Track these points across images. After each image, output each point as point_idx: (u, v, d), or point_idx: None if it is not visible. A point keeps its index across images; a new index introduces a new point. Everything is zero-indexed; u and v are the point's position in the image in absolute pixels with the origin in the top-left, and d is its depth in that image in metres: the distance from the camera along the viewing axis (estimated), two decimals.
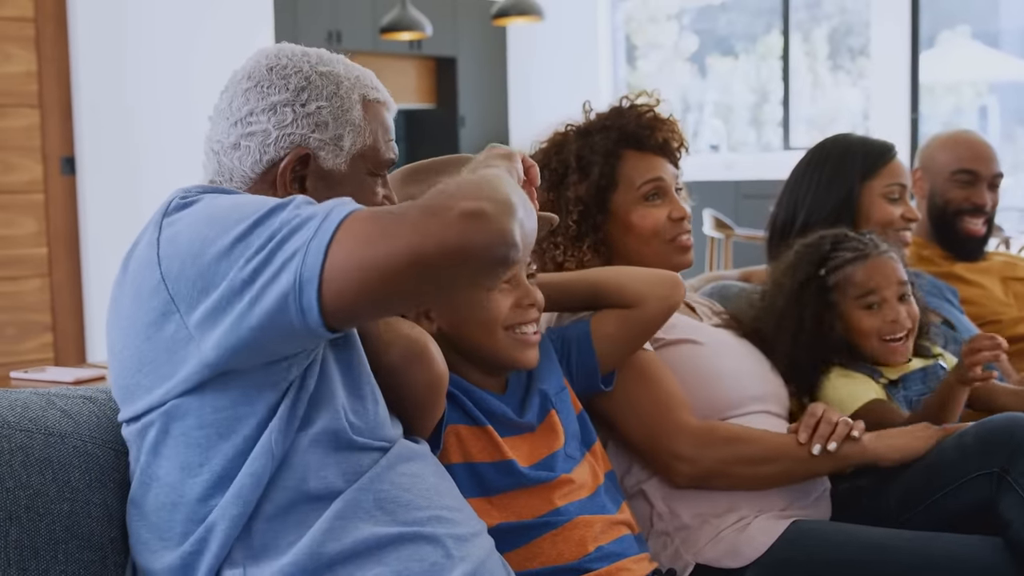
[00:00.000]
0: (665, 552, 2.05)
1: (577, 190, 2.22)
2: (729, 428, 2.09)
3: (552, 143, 2.30)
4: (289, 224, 1.36)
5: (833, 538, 1.99)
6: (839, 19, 10.50)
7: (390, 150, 1.69)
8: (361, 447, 1.52)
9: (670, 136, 2.28)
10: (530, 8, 7.41)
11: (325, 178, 1.62)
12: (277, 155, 1.59)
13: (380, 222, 1.33)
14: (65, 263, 6.41)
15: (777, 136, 10.25)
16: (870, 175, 2.82)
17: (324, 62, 1.64)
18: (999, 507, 1.93)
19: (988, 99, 10.49)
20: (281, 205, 1.39)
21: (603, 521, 1.87)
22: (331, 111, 1.60)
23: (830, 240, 2.45)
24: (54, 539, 1.46)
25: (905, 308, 2.39)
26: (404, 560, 1.46)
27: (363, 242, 1.32)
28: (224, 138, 1.62)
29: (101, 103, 6.41)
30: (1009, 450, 1.94)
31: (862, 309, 2.38)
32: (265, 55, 1.64)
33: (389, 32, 7.78)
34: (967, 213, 3.25)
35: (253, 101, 1.60)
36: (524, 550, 1.80)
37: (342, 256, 1.32)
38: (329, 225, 1.34)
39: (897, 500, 2.09)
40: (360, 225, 1.34)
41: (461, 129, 10.54)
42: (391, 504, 1.50)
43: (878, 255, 2.40)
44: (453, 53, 10.43)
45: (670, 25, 11.18)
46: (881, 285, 2.38)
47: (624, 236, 2.24)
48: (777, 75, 10.24)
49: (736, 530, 2.02)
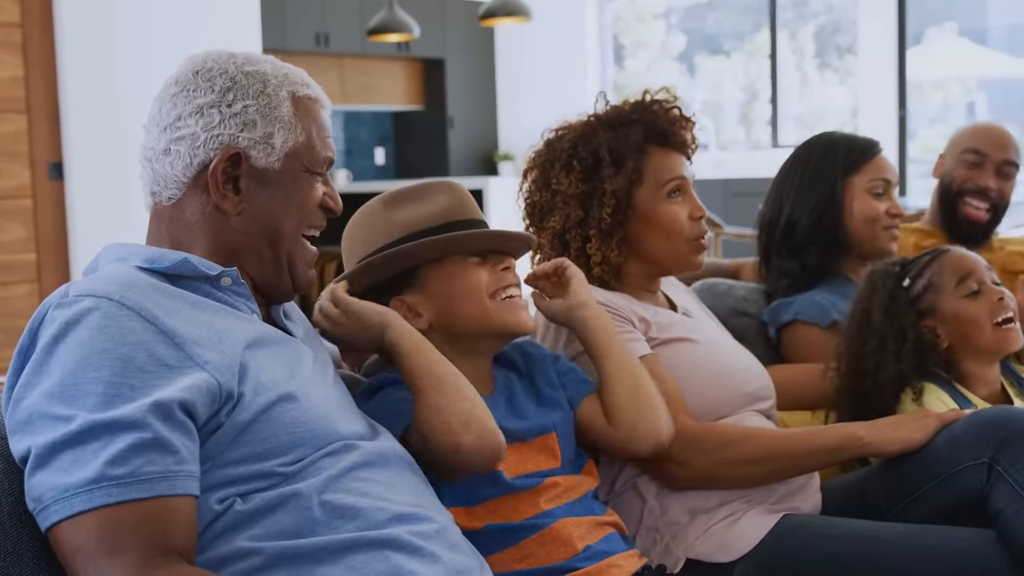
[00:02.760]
0: (655, 548, 2.05)
1: (613, 183, 2.18)
2: (722, 430, 2.08)
3: (578, 131, 2.25)
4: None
5: (823, 531, 1.99)
6: (826, 17, 10.52)
7: (327, 148, 1.68)
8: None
9: (691, 135, 2.27)
10: (518, 9, 7.41)
11: (258, 177, 1.61)
12: (207, 157, 1.59)
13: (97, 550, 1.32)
14: (54, 269, 6.40)
15: (766, 134, 10.26)
16: (852, 171, 2.82)
17: (251, 62, 1.64)
18: (990, 497, 1.93)
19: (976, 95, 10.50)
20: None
21: (590, 522, 1.87)
22: (258, 109, 1.60)
23: (894, 262, 2.41)
24: (38, 546, 1.44)
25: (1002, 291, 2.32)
26: (368, 564, 1.45)
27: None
28: (155, 145, 1.62)
29: (89, 108, 6.40)
30: (998, 441, 1.94)
31: (965, 298, 2.30)
32: (191, 61, 1.64)
33: (377, 34, 7.78)
34: (969, 194, 3.27)
35: (180, 106, 1.60)
36: (513, 551, 1.79)
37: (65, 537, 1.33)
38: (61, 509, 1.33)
39: (888, 492, 2.08)
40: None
41: (450, 130, 10.54)
42: (350, 511, 1.49)
43: (951, 251, 2.35)
44: (441, 54, 10.43)
45: (658, 24, 11.19)
46: (975, 269, 2.33)
47: (647, 232, 2.22)
48: (765, 73, 10.25)
49: (726, 524, 2.02)
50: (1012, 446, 1.93)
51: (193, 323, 1.48)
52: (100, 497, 1.32)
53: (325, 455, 1.53)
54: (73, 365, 1.39)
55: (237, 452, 1.46)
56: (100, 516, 1.32)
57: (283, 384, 1.53)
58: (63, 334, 1.42)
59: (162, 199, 1.63)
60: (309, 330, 1.80)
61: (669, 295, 2.36)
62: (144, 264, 1.56)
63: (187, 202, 1.62)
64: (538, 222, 2.25)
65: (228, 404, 1.45)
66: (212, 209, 1.61)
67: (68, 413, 1.36)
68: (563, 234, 2.21)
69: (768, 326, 2.84)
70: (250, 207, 1.62)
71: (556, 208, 2.21)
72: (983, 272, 2.33)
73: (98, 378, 1.38)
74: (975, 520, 1.95)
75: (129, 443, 1.34)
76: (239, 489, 1.45)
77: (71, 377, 1.38)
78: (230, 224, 1.62)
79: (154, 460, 1.35)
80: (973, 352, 2.32)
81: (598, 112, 2.28)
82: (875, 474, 2.14)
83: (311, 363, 1.65)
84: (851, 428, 2.07)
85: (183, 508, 1.37)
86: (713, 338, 2.27)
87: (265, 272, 1.66)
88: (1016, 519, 1.88)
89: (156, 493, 1.34)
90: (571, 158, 2.21)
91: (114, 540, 1.31)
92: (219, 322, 1.52)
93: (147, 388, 1.39)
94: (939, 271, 2.33)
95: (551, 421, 1.92)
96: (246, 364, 1.49)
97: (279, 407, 1.50)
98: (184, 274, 1.56)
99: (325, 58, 9.63)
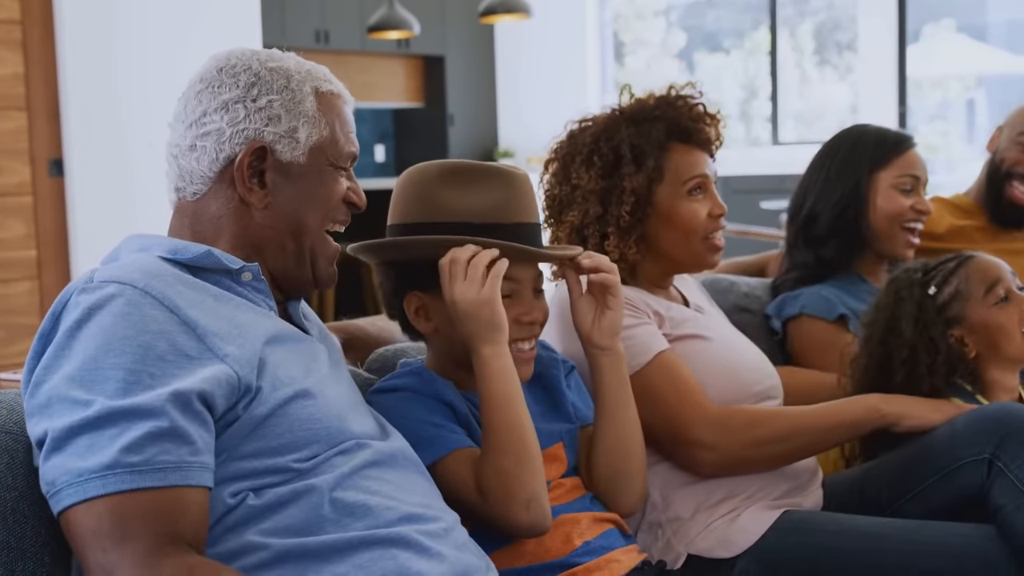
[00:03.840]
0: (656, 544, 2.05)
1: (632, 181, 2.16)
2: (747, 411, 2.09)
3: (600, 125, 2.22)
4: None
5: (824, 527, 1.99)
6: (826, 14, 10.52)
7: (350, 143, 1.70)
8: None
9: (715, 132, 2.26)
10: (518, 6, 7.40)
11: (284, 171, 1.63)
12: (232, 152, 1.61)
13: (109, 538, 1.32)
14: (54, 265, 6.40)
15: (766, 131, 10.26)
16: (880, 165, 2.81)
17: (273, 59, 1.66)
18: (990, 493, 1.93)
19: (976, 92, 10.50)
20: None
21: (589, 518, 1.86)
22: (283, 104, 1.62)
23: (915, 268, 2.32)
24: (40, 541, 1.45)
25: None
26: (376, 561, 1.45)
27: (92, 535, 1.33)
28: (181, 141, 1.64)
29: (89, 105, 6.40)
30: (999, 436, 1.94)
31: (994, 306, 2.23)
32: (215, 58, 1.66)
33: (377, 31, 7.78)
34: (1017, 177, 3.21)
35: (206, 102, 1.62)
36: (511, 549, 1.78)
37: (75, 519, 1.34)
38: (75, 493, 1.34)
39: (889, 488, 2.09)
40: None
41: (450, 128, 10.53)
42: (360, 509, 1.49)
43: (976, 256, 2.29)
44: (441, 52, 10.42)
45: (658, 22, 11.18)
46: (1002, 276, 2.26)
47: (664, 230, 2.20)
48: (765, 71, 10.25)
49: (728, 520, 2.02)
50: (1013, 442, 1.93)
51: (214, 315, 1.49)
52: (114, 483, 1.32)
53: (338, 453, 1.54)
54: (94, 350, 1.39)
55: (252, 446, 1.46)
56: (112, 502, 1.32)
57: (300, 380, 1.54)
58: (86, 319, 1.43)
59: (186, 194, 1.65)
60: (323, 330, 1.81)
61: (682, 291, 2.35)
62: (167, 254, 1.57)
63: (212, 197, 1.63)
64: (557, 215, 2.23)
65: (246, 397, 1.46)
66: (237, 203, 1.63)
67: (87, 398, 1.36)
68: (581, 229, 2.19)
69: (772, 319, 2.83)
70: (275, 201, 1.63)
71: (575, 203, 2.19)
72: (1010, 278, 2.26)
73: (118, 364, 1.38)
74: (976, 516, 1.96)
75: (146, 431, 1.35)
76: (252, 483, 1.46)
77: (92, 362, 1.39)
78: (254, 218, 1.63)
79: (169, 450, 1.35)
80: (999, 360, 2.25)
81: (622, 105, 2.25)
82: (876, 470, 2.15)
83: (327, 361, 1.66)
84: (871, 401, 2.08)
85: (196, 499, 1.37)
86: (724, 335, 2.27)
87: (287, 266, 1.67)
88: (1017, 515, 1.88)
89: (169, 483, 1.35)
90: (592, 153, 2.19)
91: (125, 527, 1.31)
92: (239, 316, 1.53)
93: (166, 377, 1.39)
94: (966, 278, 2.25)
95: (559, 430, 1.91)
96: (265, 359, 1.50)
97: (296, 403, 1.51)
98: (206, 266, 1.57)
99: (325, 55, 9.62)
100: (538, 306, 1.87)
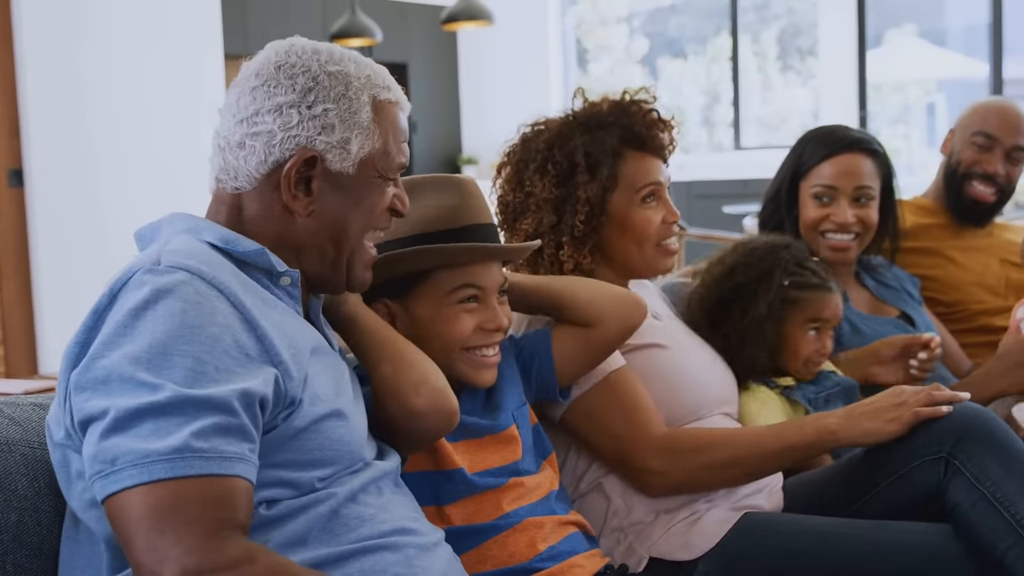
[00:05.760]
0: (618, 548, 2.05)
1: (587, 190, 2.16)
2: (695, 436, 2.08)
3: (554, 131, 2.21)
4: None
5: (783, 528, 2.00)
6: (787, 20, 10.58)
7: (401, 153, 1.67)
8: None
9: (668, 138, 2.26)
10: (480, 13, 7.42)
11: (332, 181, 1.59)
12: (282, 156, 1.56)
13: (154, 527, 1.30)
14: (15, 276, 6.35)
15: (728, 137, 10.31)
16: (801, 175, 2.85)
17: (334, 60, 1.61)
18: (947, 491, 1.95)
19: (936, 96, 10.59)
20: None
21: (553, 522, 1.87)
22: (338, 113, 1.58)
23: (797, 259, 2.52)
24: (2, 549, 1.44)
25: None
26: (366, 572, 1.46)
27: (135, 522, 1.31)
28: (230, 135, 1.59)
29: (49, 115, 6.36)
30: (955, 435, 1.95)
31: (807, 332, 2.47)
32: (275, 51, 1.61)
33: (339, 39, 7.75)
34: (976, 178, 3.20)
35: (260, 100, 1.57)
36: (474, 553, 1.80)
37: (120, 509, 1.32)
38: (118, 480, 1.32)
39: (848, 489, 2.10)
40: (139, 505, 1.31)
41: (413, 135, 10.52)
42: (355, 522, 1.51)
43: (831, 292, 2.51)
44: (404, 59, 10.42)
45: (620, 28, 11.23)
46: (830, 320, 2.50)
47: (619, 237, 2.20)
48: (727, 76, 10.31)
49: (688, 523, 2.03)
50: (969, 441, 1.94)
51: (268, 319, 1.48)
52: (182, 468, 1.31)
53: (349, 473, 1.55)
54: (163, 335, 1.37)
55: (283, 456, 1.46)
56: (178, 486, 1.30)
57: (333, 399, 1.54)
58: (154, 300, 1.40)
59: (227, 187, 1.61)
60: (337, 343, 1.79)
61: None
62: (219, 243, 1.55)
63: (255, 195, 1.59)
64: (511, 223, 2.22)
65: (288, 408, 1.46)
66: (280, 207, 1.59)
67: (155, 381, 1.34)
68: (535, 237, 2.17)
69: None
70: (319, 209, 1.60)
71: (529, 211, 2.19)
72: (831, 323, 2.50)
73: (188, 352, 1.37)
74: (933, 515, 1.97)
75: (214, 422, 1.34)
76: (272, 493, 1.45)
77: (160, 346, 1.37)
78: (296, 223, 1.60)
79: (232, 443, 1.35)
80: (792, 370, 2.50)
81: (575, 110, 2.25)
82: (835, 471, 2.16)
83: (349, 381, 1.65)
84: (824, 422, 2.04)
85: (249, 492, 1.37)
86: (681, 342, 2.28)
87: (324, 271, 1.65)
88: (972, 512, 1.90)
89: (235, 472, 1.34)
90: (546, 161, 2.18)
91: (187, 510, 1.30)
92: (287, 323, 1.52)
93: (229, 373, 1.38)
94: (811, 299, 2.47)
95: (507, 417, 1.92)
96: (308, 373, 1.50)
97: (330, 421, 1.51)
98: (254, 263, 1.56)
99: None
100: (503, 312, 1.89)
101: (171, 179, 6.52)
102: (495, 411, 1.92)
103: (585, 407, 2.05)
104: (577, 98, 2.26)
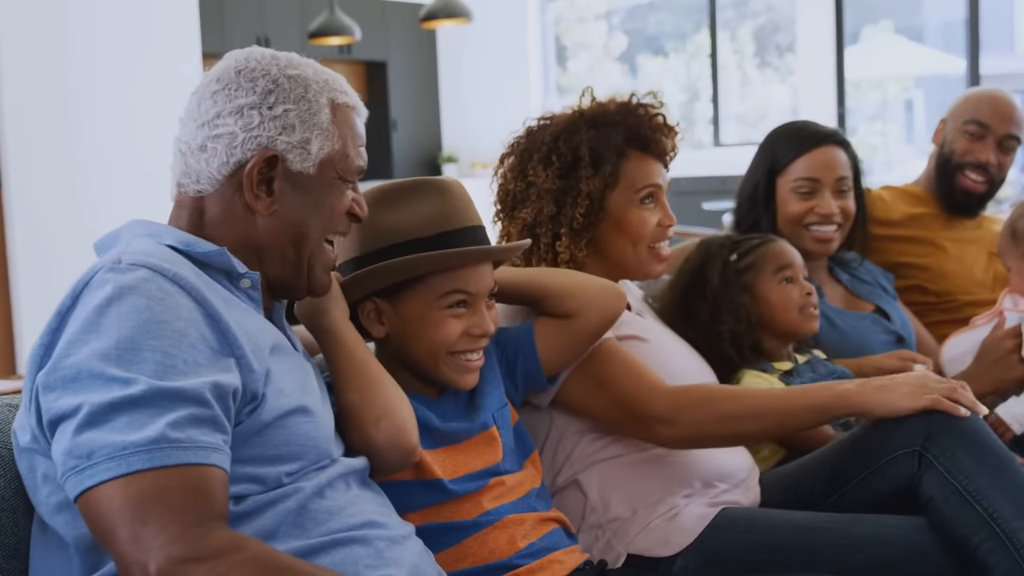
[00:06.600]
0: (597, 545, 2.06)
1: (588, 184, 2.18)
2: (706, 388, 2.10)
3: (561, 125, 2.24)
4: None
5: (760, 523, 2.01)
6: (765, 17, 10.61)
7: (360, 156, 1.69)
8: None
9: (671, 144, 2.28)
10: (458, 10, 7.42)
11: (292, 181, 1.62)
12: (243, 157, 1.59)
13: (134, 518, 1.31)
14: None
15: (708, 134, 10.33)
16: (778, 171, 2.86)
17: (293, 65, 1.64)
18: (921, 485, 1.96)
19: (914, 93, 10.64)
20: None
21: (533, 519, 1.88)
22: (298, 114, 1.61)
23: (725, 238, 2.64)
24: None
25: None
26: (336, 565, 1.47)
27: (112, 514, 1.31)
28: (191, 140, 1.61)
29: (28, 115, 6.34)
30: (928, 430, 1.97)
31: (780, 284, 2.55)
32: (235, 58, 1.64)
33: (317, 37, 7.75)
34: (968, 167, 3.20)
35: (220, 104, 1.60)
36: (454, 550, 1.80)
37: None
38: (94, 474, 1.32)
39: (824, 483, 2.11)
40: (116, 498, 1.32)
41: (393, 133, 10.52)
42: (323, 515, 1.52)
43: (777, 241, 2.62)
44: (383, 57, 10.41)
45: (599, 25, 11.24)
46: (792, 262, 2.57)
47: (614, 235, 2.23)
48: (706, 73, 10.33)
49: (666, 519, 2.04)
50: (942, 435, 1.96)
51: (230, 317, 1.50)
52: (160, 458, 1.32)
53: (316, 468, 1.56)
54: (130, 331, 1.39)
55: (249, 452, 1.47)
56: (157, 476, 1.31)
57: (298, 396, 1.56)
58: (117, 297, 1.41)
59: (188, 191, 1.63)
60: (301, 344, 1.81)
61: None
62: (178, 245, 1.57)
63: (216, 198, 1.62)
64: (509, 211, 2.24)
65: (252, 403, 1.47)
66: (241, 208, 1.61)
67: (127, 376, 1.35)
68: (534, 227, 2.20)
69: None
70: (281, 209, 1.62)
71: (529, 200, 2.21)
72: (799, 266, 2.59)
73: (156, 346, 1.38)
74: (908, 508, 1.99)
75: (188, 413, 1.35)
76: (240, 488, 1.46)
77: (128, 342, 1.38)
78: (257, 224, 1.62)
79: (207, 433, 1.37)
80: (774, 332, 2.57)
81: (583, 107, 2.27)
82: (811, 465, 2.17)
83: (315, 381, 1.67)
84: (839, 387, 2.03)
85: (226, 483, 1.38)
86: (660, 335, 2.30)
87: (284, 274, 1.67)
88: (946, 505, 1.92)
89: (212, 462, 1.36)
90: (551, 152, 2.20)
91: (168, 500, 1.31)
92: (247, 321, 1.54)
93: (198, 366, 1.40)
94: (763, 255, 2.57)
95: (487, 418, 1.93)
96: (270, 368, 1.52)
97: (295, 417, 1.53)
98: (214, 264, 1.57)
99: None
100: (490, 317, 1.90)
101: (150, 182, 6.46)
102: (475, 412, 1.93)
103: (579, 383, 2.06)
104: (585, 96, 2.29)
